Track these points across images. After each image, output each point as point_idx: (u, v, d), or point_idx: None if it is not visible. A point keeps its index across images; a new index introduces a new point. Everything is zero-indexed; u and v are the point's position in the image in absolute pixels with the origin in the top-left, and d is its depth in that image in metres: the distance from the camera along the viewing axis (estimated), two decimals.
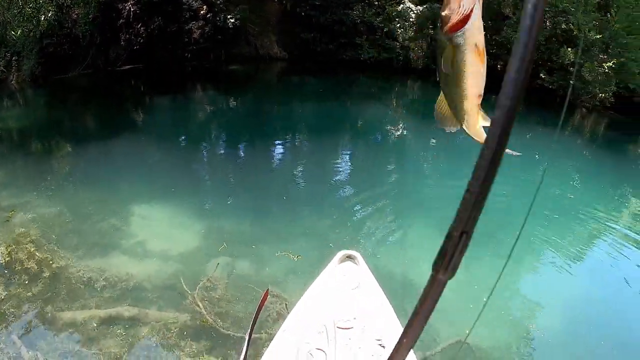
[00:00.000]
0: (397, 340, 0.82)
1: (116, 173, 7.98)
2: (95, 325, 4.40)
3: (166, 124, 11.43)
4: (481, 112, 1.28)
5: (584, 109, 22.82)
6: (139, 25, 16.01)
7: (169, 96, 13.61)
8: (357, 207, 7.66)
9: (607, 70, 21.17)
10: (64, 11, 14.19)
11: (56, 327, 4.35)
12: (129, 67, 15.58)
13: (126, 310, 4.58)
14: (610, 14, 21.71)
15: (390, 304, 3.35)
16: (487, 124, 0.98)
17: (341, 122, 13.74)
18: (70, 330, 4.33)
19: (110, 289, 4.89)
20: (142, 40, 16.02)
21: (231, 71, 17.63)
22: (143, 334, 4.39)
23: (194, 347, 4.28)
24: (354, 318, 3.12)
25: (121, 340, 4.26)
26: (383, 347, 2.94)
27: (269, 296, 4.47)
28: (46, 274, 4.96)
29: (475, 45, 1.17)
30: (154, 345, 4.29)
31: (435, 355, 4.57)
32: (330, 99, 16.36)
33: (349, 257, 3.72)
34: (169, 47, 16.90)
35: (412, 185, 9.19)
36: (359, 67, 19.77)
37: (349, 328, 3.04)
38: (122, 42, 15.63)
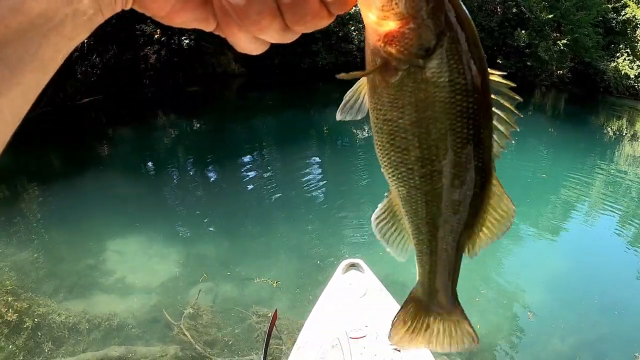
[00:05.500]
0: None
1: (86, 210, 7.87)
2: None
3: (131, 154, 11.33)
4: None
5: (543, 88, 23.44)
6: (94, 57, 15.80)
7: (131, 125, 13.47)
8: (339, 214, 7.75)
9: (562, 48, 21.72)
10: None
11: None
12: (88, 100, 15.35)
13: (113, 350, 4.57)
14: None
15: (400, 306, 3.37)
16: None
17: (306, 132, 13.83)
18: None
19: (94, 331, 4.87)
20: (98, 72, 15.81)
21: (191, 93, 17.56)
22: None
23: None
24: (366, 326, 3.14)
25: None
26: (398, 351, 2.96)
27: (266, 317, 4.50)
28: (27, 324, 4.90)
29: None
30: None
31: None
32: (292, 109, 16.45)
33: (353, 266, 3.71)
34: (127, 75, 16.73)
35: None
36: (318, 74, 19.89)
37: (362, 337, 3.06)
38: (79, 75, 15.38)
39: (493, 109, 0.58)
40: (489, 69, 0.55)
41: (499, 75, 0.58)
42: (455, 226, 0.62)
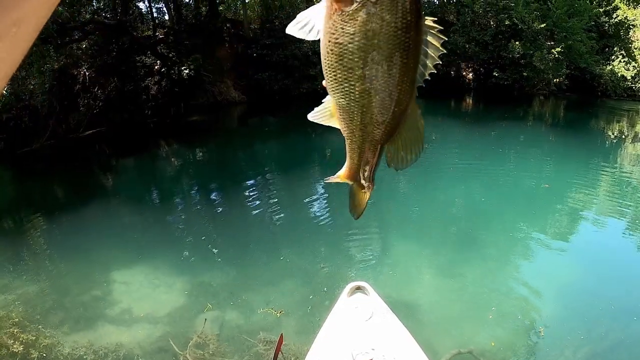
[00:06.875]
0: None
1: (92, 241, 7.90)
2: None
3: (135, 185, 11.40)
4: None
5: (541, 97, 23.46)
6: (96, 89, 16.03)
7: (134, 156, 13.58)
8: (343, 238, 7.72)
9: (556, 56, 21.79)
10: (19, 83, 14.08)
11: None
12: (91, 132, 15.50)
13: None
14: (550, 1, 22.47)
15: (406, 328, 3.37)
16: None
17: (308, 156, 13.88)
18: None
19: None
20: (100, 104, 16.02)
21: (192, 122, 17.70)
22: None
23: None
24: (372, 349, 3.13)
25: None
26: None
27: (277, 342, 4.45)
28: (34, 356, 4.90)
29: None
30: None
31: None
32: (293, 134, 16.52)
33: (358, 289, 3.71)
34: (128, 106, 16.90)
35: (393, 207, 9.25)
36: (317, 98, 19.82)
37: None
38: (82, 108, 15.58)
39: (423, 45, 0.70)
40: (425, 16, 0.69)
41: (431, 20, 0.71)
42: (381, 132, 0.77)
